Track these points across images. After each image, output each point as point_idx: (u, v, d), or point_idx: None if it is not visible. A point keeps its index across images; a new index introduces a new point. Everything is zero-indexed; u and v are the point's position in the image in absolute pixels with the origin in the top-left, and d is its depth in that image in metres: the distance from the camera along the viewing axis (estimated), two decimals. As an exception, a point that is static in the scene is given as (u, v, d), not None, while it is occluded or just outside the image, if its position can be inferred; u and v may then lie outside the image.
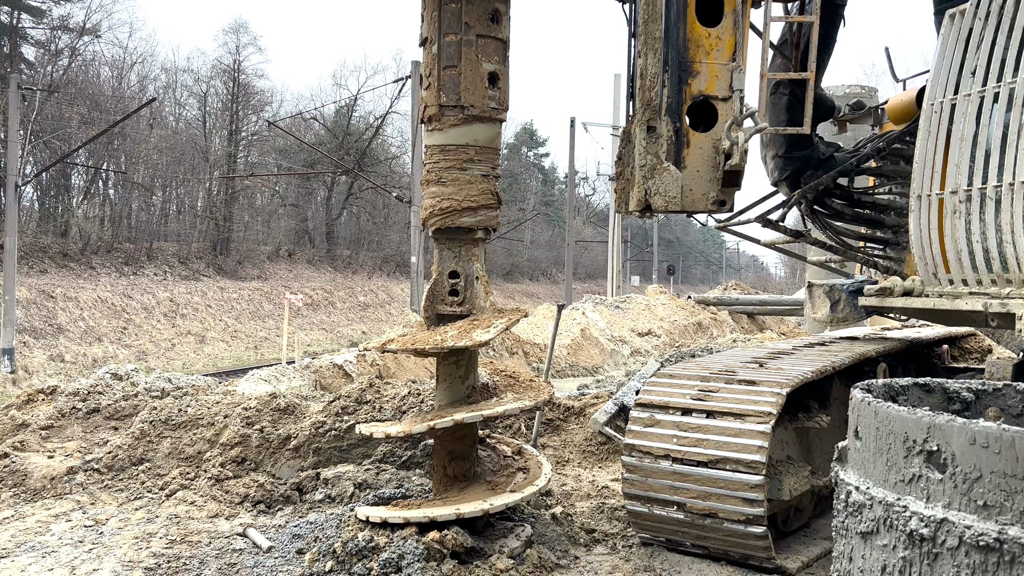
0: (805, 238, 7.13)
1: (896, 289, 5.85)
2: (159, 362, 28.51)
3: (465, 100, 4.93)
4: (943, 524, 2.29)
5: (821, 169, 6.66)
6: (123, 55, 44.15)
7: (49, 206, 38.86)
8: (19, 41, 39.12)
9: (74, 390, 8.96)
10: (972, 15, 5.18)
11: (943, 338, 7.83)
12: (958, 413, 3.10)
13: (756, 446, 4.58)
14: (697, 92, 5.26)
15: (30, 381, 22.73)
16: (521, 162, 77.05)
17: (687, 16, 5.24)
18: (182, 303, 34.55)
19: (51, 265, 32.94)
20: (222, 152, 46.84)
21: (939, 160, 5.30)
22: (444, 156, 5.04)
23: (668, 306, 26.92)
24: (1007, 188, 4.80)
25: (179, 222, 44.47)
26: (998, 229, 4.88)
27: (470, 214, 5.03)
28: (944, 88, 5.34)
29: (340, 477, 6.69)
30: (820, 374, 5.32)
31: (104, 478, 7.09)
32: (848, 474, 2.76)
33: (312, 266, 48.85)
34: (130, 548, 5.61)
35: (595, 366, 19.59)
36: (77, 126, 36.29)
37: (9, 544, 5.69)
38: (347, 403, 7.76)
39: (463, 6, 4.88)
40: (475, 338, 4.69)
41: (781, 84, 6.30)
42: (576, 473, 7.38)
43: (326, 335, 38.48)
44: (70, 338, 27.93)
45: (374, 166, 51.71)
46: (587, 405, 8.58)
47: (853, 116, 7.67)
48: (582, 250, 64.40)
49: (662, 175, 5.23)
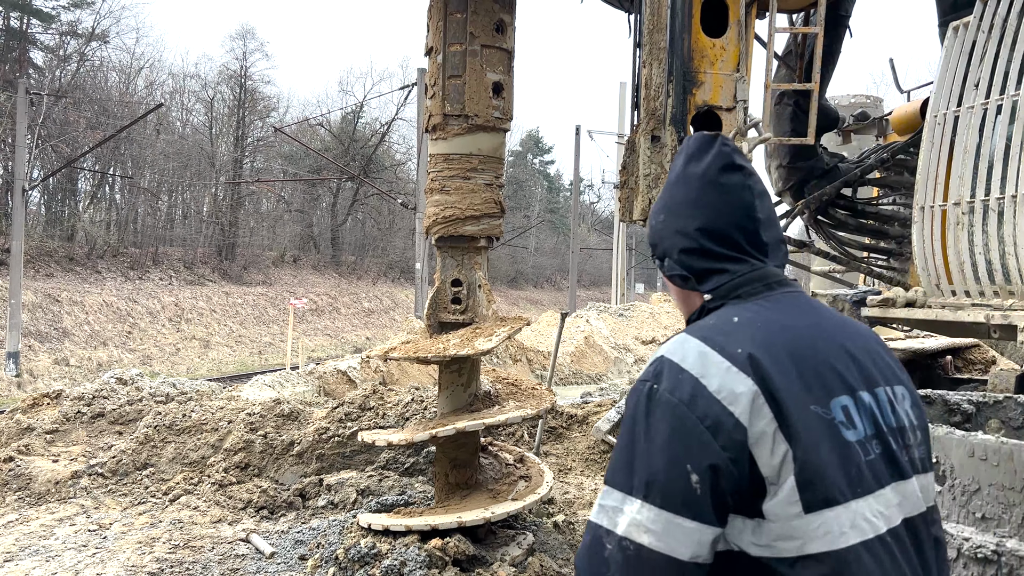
0: (809, 248, 7.14)
1: (899, 300, 5.86)
2: (164, 367, 28.57)
3: (469, 109, 4.97)
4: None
5: (825, 179, 6.67)
6: (131, 60, 44.41)
7: (56, 210, 39.03)
8: (28, 46, 39.35)
9: (79, 395, 8.99)
10: (976, 27, 5.20)
11: (946, 349, 7.82)
12: (959, 425, 3.11)
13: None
14: (701, 102, 5.28)
15: (35, 385, 22.79)
16: (526, 169, 77.18)
17: (692, 26, 5.26)
18: (187, 308, 34.63)
19: (57, 269, 33.06)
20: (228, 157, 47.00)
21: (942, 171, 5.32)
22: (448, 165, 5.07)
23: (672, 314, 26.91)
24: (1010, 200, 4.81)
25: (185, 227, 44.62)
26: (1001, 241, 4.89)
27: (473, 222, 5.06)
28: (948, 100, 5.35)
29: (343, 483, 6.71)
30: (822, 384, 5.32)
31: (108, 483, 7.11)
32: (848, 485, 2.77)
33: (317, 271, 48.94)
34: (133, 553, 5.63)
35: (599, 374, 19.58)
36: (84, 131, 36.46)
37: (13, 548, 5.72)
38: (350, 409, 7.77)
39: (468, 17, 4.92)
40: (477, 346, 4.71)
41: (785, 95, 6.32)
42: (579, 481, 7.38)
43: (330, 340, 38.54)
44: (75, 342, 28.01)
45: (379, 172, 51.83)
46: (590, 413, 8.58)
47: (857, 127, 7.69)
48: (586, 257, 64.41)
49: (666, 185, 5.25)
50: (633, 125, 5.72)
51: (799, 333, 1.50)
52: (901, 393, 1.58)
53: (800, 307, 1.58)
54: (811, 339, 1.50)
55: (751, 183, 1.63)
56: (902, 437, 1.51)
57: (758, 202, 1.61)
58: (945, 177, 5.30)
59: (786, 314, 1.53)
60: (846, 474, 1.38)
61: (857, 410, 1.45)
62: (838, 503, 1.35)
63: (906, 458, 1.50)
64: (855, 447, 1.41)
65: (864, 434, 1.44)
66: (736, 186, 1.61)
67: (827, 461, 1.36)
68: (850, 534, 1.35)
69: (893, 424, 1.50)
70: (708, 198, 1.60)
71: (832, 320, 1.60)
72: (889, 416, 1.51)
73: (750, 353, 1.40)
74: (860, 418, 1.45)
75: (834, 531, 1.34)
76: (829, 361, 1.48)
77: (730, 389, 1.36)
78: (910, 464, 1.50)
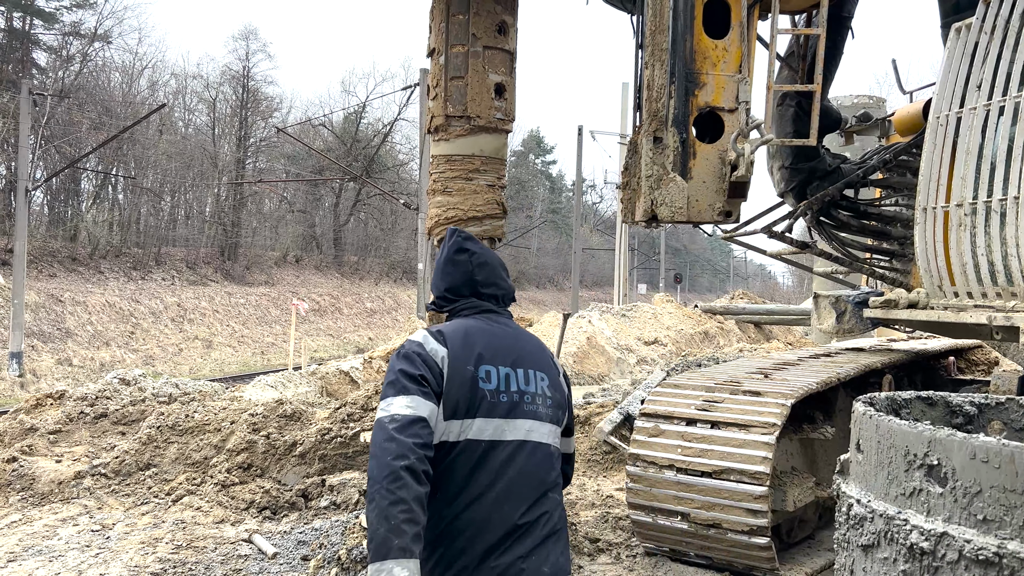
0: (811, 249, 7.13)
1: (901, 301, 5.86)
2: (166, 367, 28.61)
3: (471, 111, 4.97)
4: (943, 538, 2.30)
5: (827, 180, 6.67)
6: (133, 61, 44.43)
7: (59, 210, 39.09)
8: (31, 46, 39.41)
9: (82, 395, 9.01)
10: (978, 29, 5.20)
11: (949, 350, 7.82)
12: (961, 427, 3.11)
13: (760, 457, 4.59)
14: (703, 103, 5.28)
15: (38, 385, 22.83)
16: (528, 169, 77.15)
17: (694, 28, 5.26)
18: (190, 308, 34.67)
19: (60, 269, 33.11)
20: (231, 158, 47.03)
21: (945, 173, 5.31)
22: (450, 166, 5.07)
23: (675, 315, 26.89)
24: (1012, 201, 4.81)
25: (187, 227, 44.66)
26: (1003, 242, 4.89)
27: (475, 224, 5.06)
28: (950, 101, 5.35)
29: (346, 484, 6.72)
30: (825, 385, 5.32)
31: (111, 483, 7.13)
32: (850, 487, 2.77)
33: (319, 272, 48.97)
34: (136, 553, 5.64)
35: (601, 374, 19.58)
36: (87, 131, 36.52)
37: (17, 548, 5.73)
38: (353, 410, 7.79)
39: (470, 18, 4.92)
40: (480, 347, 4.72)
41: (788, 96, 6.32)
42: (581, 482, 7.39)
43: (333, 341, 38.55)
44: (78, 342, 28.05)
45: (382, 173, 51.84)
46: (592, 414, 8.58)
47: (860, 128, 7.68)
48: (589, 258, 64.41)
49: (668, 186, 5.25)
50: (635, 126, 5.72)
51: (480, 331, 2.68)
52: (540, 376, 2.70)
53: (493, 321, 2.76)
54: (485, 335, 2.67)
55: (472, 260, 2.82)
56: (529, 397, 2.63)
57: (476, 270, 2.81)
58: (947, 178, 5.30)
59: (480, 323, 2.73)
60: (469, 404, 2.51)
61: (496, 374, 2.58)
62: (458, 418, 2.49)
63: (528, 409, 2.61)
64: (484, 392, 2.54)
65: (495, 388, 2.57)
66: (463, 262, 2.81)
67: (459, 396, 2.50)
68: (467, 434, 2.50)
69: (524, 389, 2.63)
70: (448, 269, 2.84)
71: (511, 330, 2.77)
72: (523, 384, 2.63)
73: (446, 335, 2.60)
74: (497, 379, 2.58)
75: (455, 431, 2.49)
76: (489, 346, 2.63)
77: (434, 349, 2.55)
78: (533, 414, 2.61)
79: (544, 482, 2.62)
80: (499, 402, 2.57)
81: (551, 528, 2.63)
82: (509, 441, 2.55)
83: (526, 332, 2.86)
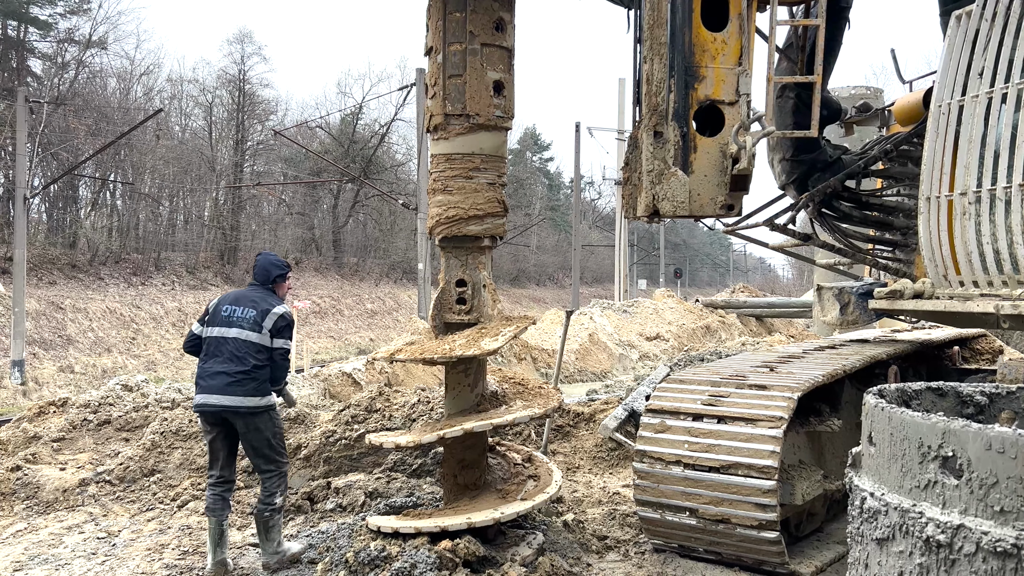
0: (813, 241, 7.10)
1: (907, 292, 5.83)
2: (168, 372, 28.57)
3: (470, 109, 4.94)
4: (960, 530, 2.28)
5: (828, 172, 6.64)
6: (129, 67, 44.34)
7: (57, 218, 39.03)
8: (26, 54, 39.35)
9: (85, 402, 8.99)
10: (979, 16, 5.17)
11: (953, 339, 7.79)
12: (972, 417, 3.08)
13: (768, 451, 4.57)
14: (703, 97, 5.24)
15: (40, 392, 22.81)
16: (526, 167, 77.06)
17: (692, 21, 5.23)
18: (190, 312, 34.60)
19: (60, 276, 33.08)
20: (228, 162, 46.97)
21: (947, 162, 5.29)
22: (450, 165, 5.04)
23: (676, 310, 26.87)
24: (1016, 189, 4.79)
25: (186, 232, 44.63)
26: (1008, 231, 4.86)
27: (476, 222, 5.04)
28: (951, 89, 5.32)
29: (351, 486, 6.69)
30: (831, 377, 5.30)
31: (116, 490, 7.11)
32: (863, 480, 2.75)
33: (319, 274, 48.92)
34: (143, 560, 5.62)
35: (604, 371, 19.57)
36: (84, 138, 36.45)
37: (23, 557, 5.71)
38: (357, 412, 7.76)
39: (467, 16, 4.89)
40: (483, 347, 4.69)
41: (787, 87, 6.28)
42: (587, 479, 7.37)
43: (334, 343, 38.51)
44: (79, 349, 28.03)
45: (380, 173, 51.76)
46: (597, 411, 8.56)
47: (860, 118, 7.65)
48: (588, 254, 64.36)
49: (670, 180, 5.22)
50: (635, 121, 5.69)
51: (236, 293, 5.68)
52: (247, 311, 5.42)
53: (248, 288, 5.70)
54: (235, 295, 5.63)
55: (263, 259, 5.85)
56: (237, 317, 5.40)
57: (258, 267, 5.77)
58: (951, 167, 5.27)
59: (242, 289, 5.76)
60: (212, 320, 5.47)
61: (228, 309, 5.46)
62: (209, 325, 5.48)
63: (235, 321, 5.39)
64: (222, 315, 5.44)
65: (228, 314, 5.43)
66: (261, 260, 5.81)
67: (212, 320, 5.47)
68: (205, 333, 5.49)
69: (237, 315, 5.41)
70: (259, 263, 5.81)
71: (250, 292, 5.64)
72: (238, 313, 5.42)
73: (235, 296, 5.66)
74: (230, 309, 5.45)
75: (205, 332, 5.49)
76: (234, 300, 5.55)
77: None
78: (237, 325, 5.38)
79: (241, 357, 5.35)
80: (224, 318, 5.43)
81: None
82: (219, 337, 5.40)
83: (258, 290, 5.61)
